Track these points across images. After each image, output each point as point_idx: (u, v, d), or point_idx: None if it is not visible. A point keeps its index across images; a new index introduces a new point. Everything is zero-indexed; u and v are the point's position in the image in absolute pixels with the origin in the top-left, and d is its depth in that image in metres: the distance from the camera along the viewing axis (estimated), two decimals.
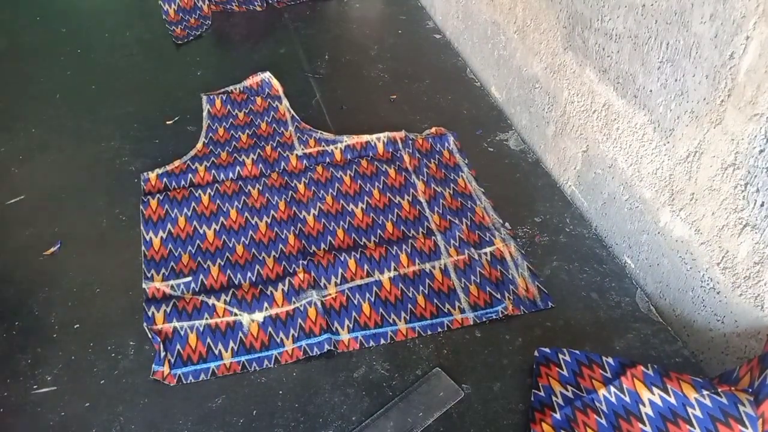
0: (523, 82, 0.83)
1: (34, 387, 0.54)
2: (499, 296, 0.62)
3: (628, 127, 0.63)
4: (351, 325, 0.59)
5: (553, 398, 0.53)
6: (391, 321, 0.60)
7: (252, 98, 0.87)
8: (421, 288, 0.63)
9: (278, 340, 0.58)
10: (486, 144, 0.82)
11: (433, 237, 0.68)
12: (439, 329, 0.60)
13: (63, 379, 0.55)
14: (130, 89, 0.90)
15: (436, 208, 0.71)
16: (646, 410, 0.49)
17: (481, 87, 0.93)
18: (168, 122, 0.83)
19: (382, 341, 0.59)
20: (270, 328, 0.59)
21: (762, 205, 0.48)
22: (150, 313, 0.60)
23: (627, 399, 0.50)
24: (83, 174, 0.75)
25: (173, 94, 0.89)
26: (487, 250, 0.67)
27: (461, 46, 1.01)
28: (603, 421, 0.50)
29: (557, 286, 0.64)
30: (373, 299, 0.62)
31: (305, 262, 0.64)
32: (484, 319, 0.61)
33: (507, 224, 0.70)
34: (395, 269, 0.64)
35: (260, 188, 0.73)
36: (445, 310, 0.61)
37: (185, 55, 0.98)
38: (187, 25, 1.03)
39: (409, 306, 0.61)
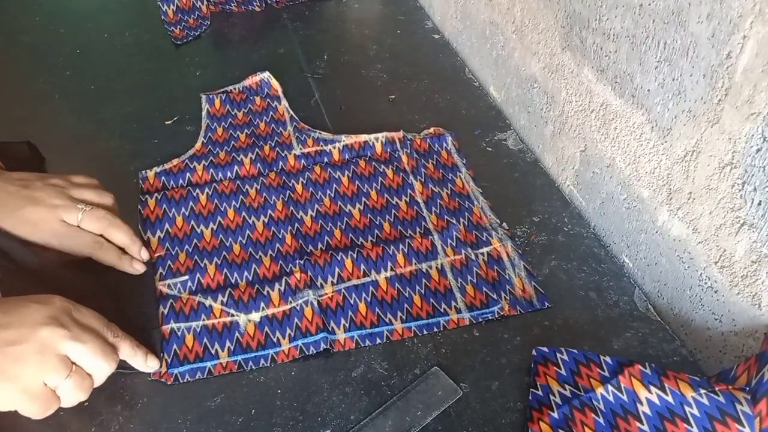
0: (522, 82, 0.83)
1: None
2: (495, 296, 0.62)
3: (625, 127, 0.63)
4: (347, 325, 0.59)
5: (551, 397, 0.53)
6: (387, 321, 0.60)
7: (251, 98, 0.87)
8: (417, 288, 0.63)
9: (275, 340, 0.58)
10: (484, 144, 0.83)
11: (430, 237, 0.68)
12: (435, 329, 0.60)
13: None
14: (129, 89, 0.90)
15: (433, 208, 0.71)
16: (644, 409, 0.49)
17: (480, 87, 0.93)
18: (167, 122, 0.84)
19: (378, 341, 0.59)
20: (266, 328, 0.59)
21: (759, 203, 0.48)
22: None
23: (625, 398, 0.50)
24: None
25: (172, 95, 0.89)
26: (484, 250, 0.67)
27: (460, 46, 1.01)
28: (601, 420, 0.50)
29: (555, 285, 0.64)
30: (369, 299, 0.62)
31: (302, 262, 0.64)
32: (480, 320, 0.61)
33: (504, 224, 0.70)
34: (392, 269, 0.64)
35: (258, 188, 0.73)
36: (442, 310, 0.61)
37: (184, 56, 0.98)
38: (185, 26, 1.03)
39: (406, 306, 0.61)
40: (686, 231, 0.58)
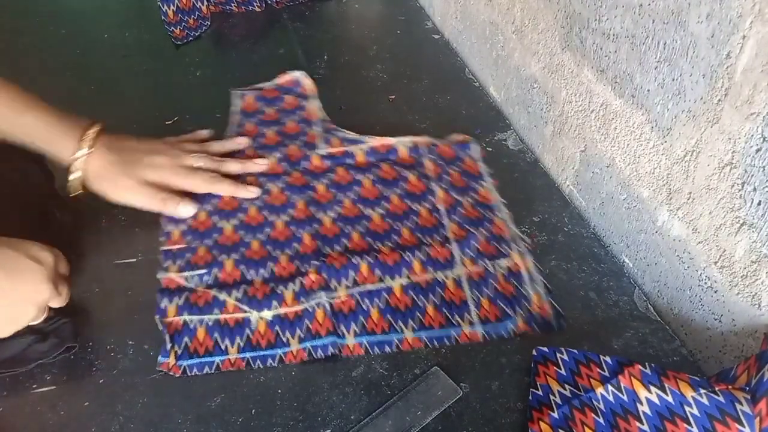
0: (522, 82, 0.83)
1: (34, 386, 0.55)
2: (510, 312, 0.60)
3: (625, 127, 0.63)
4: (357, 330, 0.59)
5: (551, 397, 0.53)
6: (398, 329, 0.59)
7: (282, 96, 0.87)
8: (431, 297, 0.62)
9: (284, 340, 0.58)
10: (485, 144, 0.83)
11: (448, 246, 0.66)
12: (446, 341, 0.59)
13: (62, 379, 0.55)
14: (129, 90, 0.90)
15: (454, 217, 0.70)
16: (644, 409, 0.49)
17: (480, 87, 0.94)
18: (167, 122, 0.84)
19: (387, 349, 0.58)
20: (277, 327, 0.59)
21: (759, 203, 0.48)
22: (162, 306, 0.60)
23: (625, 398, 0.50)
24: None
25: (172, 95, 0.89)
26: (503, 262, 0.65)
27: (460, 46, 1.01)
28: (601, 420, 0.50)
29: (555, 285, 0.64)
30: (382, 305, 0.61)
31: (318, 263, 0.64)
32: (493, 335, 0.59)
33: (526, 237, 0.68)
34: (407, 276, 0.63)
35: (281, 186, 0.73)
36: (454, 322, 0.60)
37: (184, 56, 0.98)
38: (186, 26, 1.03)
39: (418, 314, 0.60)
40: (686, 231, 0.58)
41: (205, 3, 1.06)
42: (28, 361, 0.55)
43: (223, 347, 0.58)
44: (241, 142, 0.76)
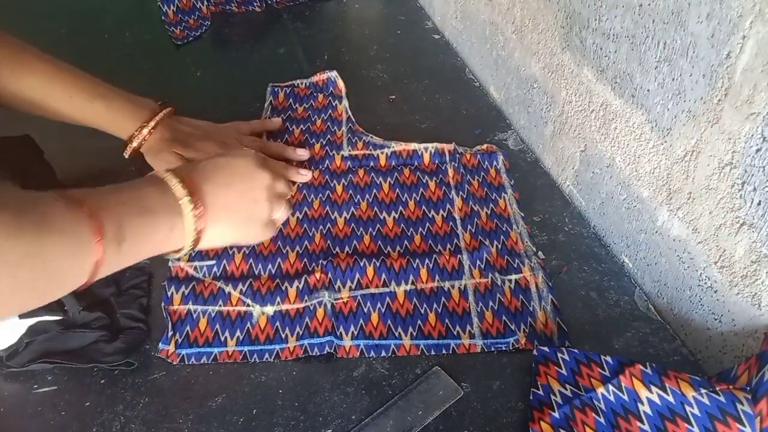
0: (522, 82, 0.83)
1: (35, 386, 0.55)
2: (513, 327, 0.59)
3: (625, 127, 0.63)
4: (355, 332, 0.59)
5: (552, 397, 0.53)
6: (396, 334, 0.59)
7: (314, 94, 0.87)
8: (434, 306, 0.61)
9: (283, 336, 0.59)
10: (485, 144, 0.83)
11: (459, 256, 0.65)
12: (444, 351, 0.58)
13: (63, 379, 0.55)
14: (130, 90, 0.90)
15: (469, 227, 0.69)
16: (645, 409, 0.49)
17: (480, 87, 0.94)
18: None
19: (383, 353, 0.58)
20: (278, 323, 0.60)
21: (759, 203, 0.48)
22: (169, 294, 0.62)
23: (626, 398, 0.50)
24: None
25: (173, 95, 0.89)
26: (513, 277, 0.64)
27: (460, 46, 1.01)
28: (602, 420, 0.50)
29: (556, 285, 0.64)
30: (383, 310, 0.61)
31: (324, 262, 0.64)
32: (493, 349, 0.58)
33: (540, 253, 0.67)
34: (412, 283, 0.63)
35: (299, 184, 0.74)
36: (455, 333, 0.59)
37: (185, 56, 0.98)
38: (186, 26, 1.03)
39: (419, 322, 0.60)
40: (686, 231, 0.58)
41: (205, 3, 1.06)
42: (87, 359, 0.55)
43: (222, 339, 0.58)
44: (276, 122, 0.82)
